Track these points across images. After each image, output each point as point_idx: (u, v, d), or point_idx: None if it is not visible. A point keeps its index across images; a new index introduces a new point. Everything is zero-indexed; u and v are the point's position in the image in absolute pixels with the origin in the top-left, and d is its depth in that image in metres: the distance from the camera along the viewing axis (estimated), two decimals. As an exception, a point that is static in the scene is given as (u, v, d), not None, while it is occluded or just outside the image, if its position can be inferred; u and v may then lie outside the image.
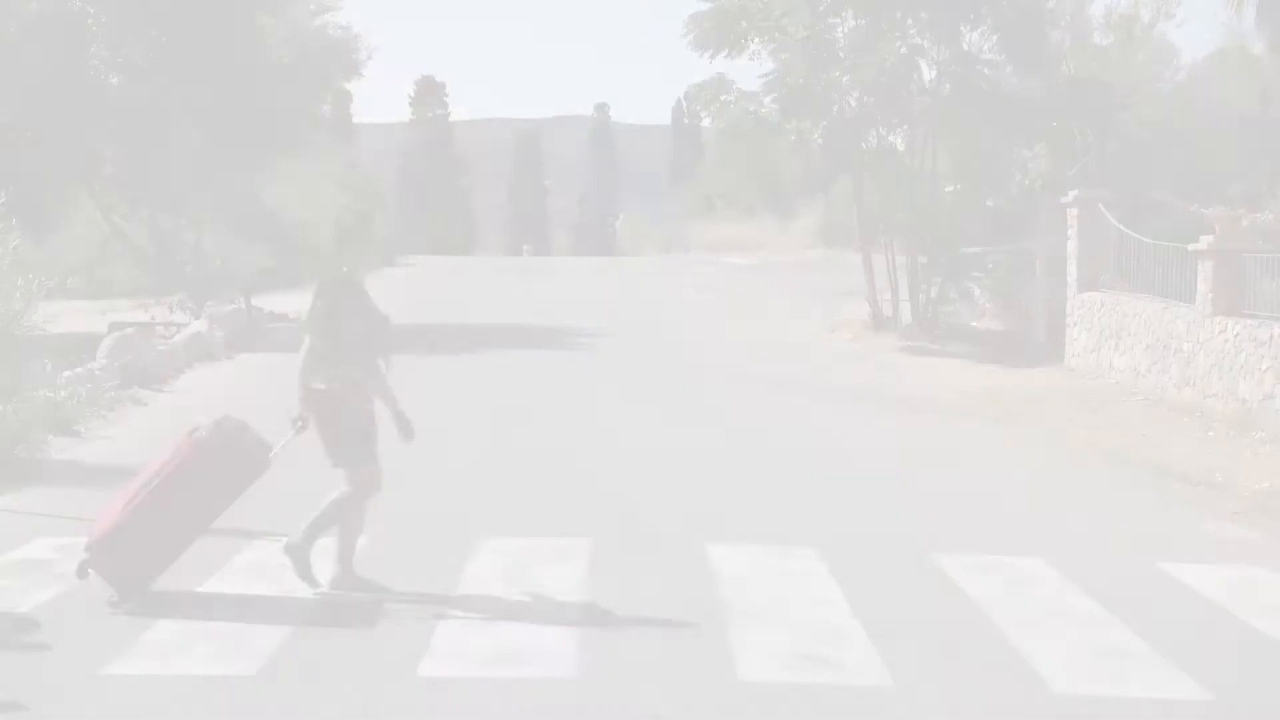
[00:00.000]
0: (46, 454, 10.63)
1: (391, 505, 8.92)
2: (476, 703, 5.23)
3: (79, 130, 21.15)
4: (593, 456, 10.94)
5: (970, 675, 5.66)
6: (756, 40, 21.84)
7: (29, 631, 6.07)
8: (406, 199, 78.79)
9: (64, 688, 5.32)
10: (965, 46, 21.33)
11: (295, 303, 26.96)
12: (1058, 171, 22.12)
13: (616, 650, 5.86)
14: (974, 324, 22.38)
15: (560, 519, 8.58)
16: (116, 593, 6.43)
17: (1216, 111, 25.14)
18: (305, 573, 6.72)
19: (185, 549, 6.66)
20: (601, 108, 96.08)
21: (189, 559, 7.32)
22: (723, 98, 22.26)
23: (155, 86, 20.98)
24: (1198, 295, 14.25)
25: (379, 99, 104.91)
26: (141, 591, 6.45)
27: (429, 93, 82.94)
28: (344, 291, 6.96)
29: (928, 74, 21.17)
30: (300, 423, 6.83)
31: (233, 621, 6.21)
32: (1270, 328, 12.68)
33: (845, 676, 5.61)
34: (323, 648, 5.84)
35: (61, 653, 5.74)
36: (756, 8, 21.10)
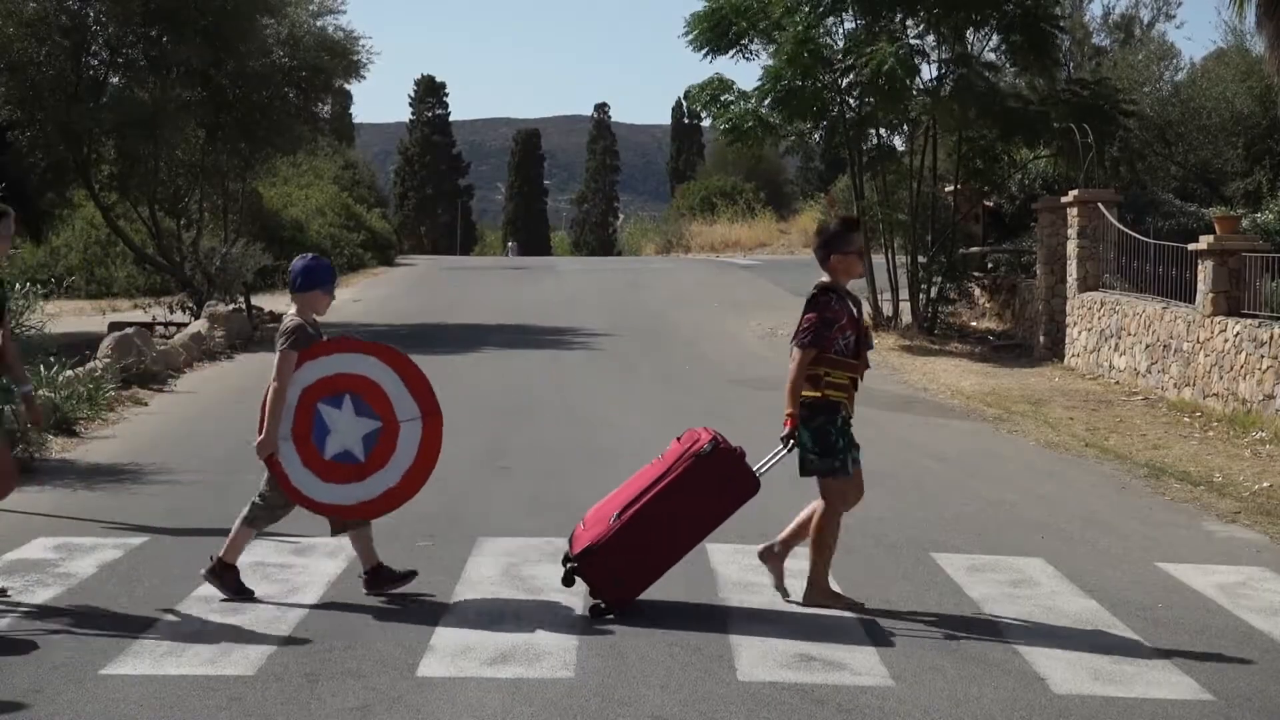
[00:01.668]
0: (46, 454, 10.64)
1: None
2: (476, 703, 5.23)
3: (79, 130, 21.17)
4: (593, 456, 10.95)
5: (970, 675, 5.66)
6: (756, 41, 21.87)
7: (28, 631, 6.07)
8: (406, 199, 78.89)
9: (64, 688, 5.32)
10: (968, 47, 21.36)
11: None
12: (1058, 171, 22.16)
13: (616, 650, 5.87)
14: (974, 324, 22.40)
15: (560, 519, 8.58)
16: (603, 603, 6.37)
17: (1216, 111, 25.15)
18: (778, 583, 6.72)
19: (673, 564, 6.53)
20: (601, 108, 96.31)
21: (187, 559, 7.34)
22: (722, 98, 22.27)
23: (155, 86, 20.98)
24: (1198, 295, 14.26)
25: (379, 99, 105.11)
26: (628, 604, 6.38)
27: (429, 93, 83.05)
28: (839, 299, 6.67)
29: (928, 74, 21.19)
30: (792, 439, 6.55)
31: (233, 622, 6.21)
32: (1270, 328, 12.68)
33: (845, 676, 5.61)
34: (323, 648, 5.84)
35: (61, 653, 5.74)
36: (754, 8, 21.11)
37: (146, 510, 8.68)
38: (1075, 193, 17.98)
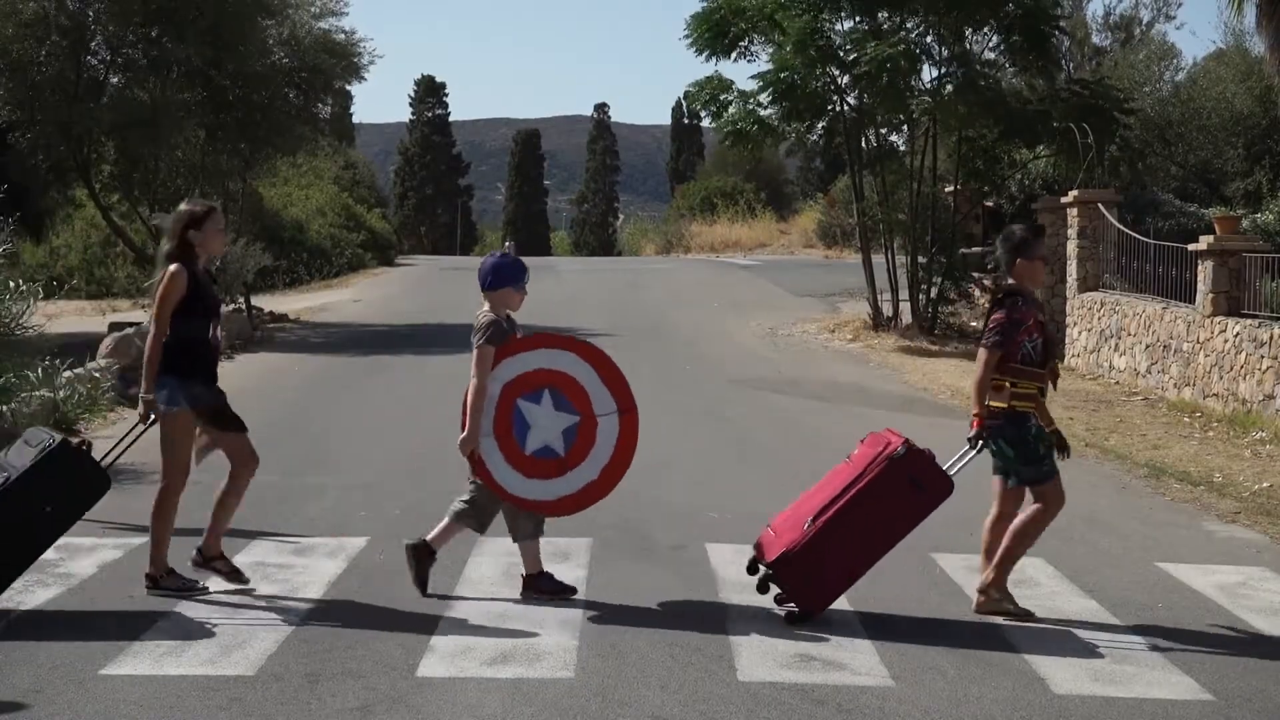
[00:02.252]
0: (46, 454, 10.62)
1: (391, 505, 8.95)
2: (476, 703, 5.23)
3: (79, 130, 21.18)
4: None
5: (970, 675, 5.66)
6: (756, 40, 21.88)
7: (28, 631, 6.06)
8: (406, 199, 78.90)
9: (64, 688, 5.32)
10: (968, 46, 21.37)
11: (295, 303, 27.03)
12: (1058, 171, 22.16)
13: (616, 650, 5.87)
14: (974, 324, 22.40)
15: (560, 519, 8.58)
16: (798, 608, 6.33)
17: (1216, 111, 25.16)
18: (1019, 612, 6.61)
19: (868, 569, 6.48)
20: (601, 108, 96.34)
21: (187, 559, 7.34)
22: (722, 98, 22.29)
23: (155, 86, 20.98)
24: (1198, 295, 14.26)
25: (379, 99, 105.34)
26: (822, 610, 6.34)
27: (429, 93, 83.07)
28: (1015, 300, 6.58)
29: (929, 73, 21.20)
30: (980, 442, 6.51)
31: (233, 621, 6.21)
32: (1270, 328, 12.69)
33: (845, 676, 5.61)
34: (323, 648, 5.84)
35: (61, 653, 5.74)
36: (754, 7, 21.11)
37: (146, 510, 8.65)
38: (1075, 193, 17.99)
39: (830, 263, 37.14)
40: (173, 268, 6.70)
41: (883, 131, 22.84)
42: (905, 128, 22.60)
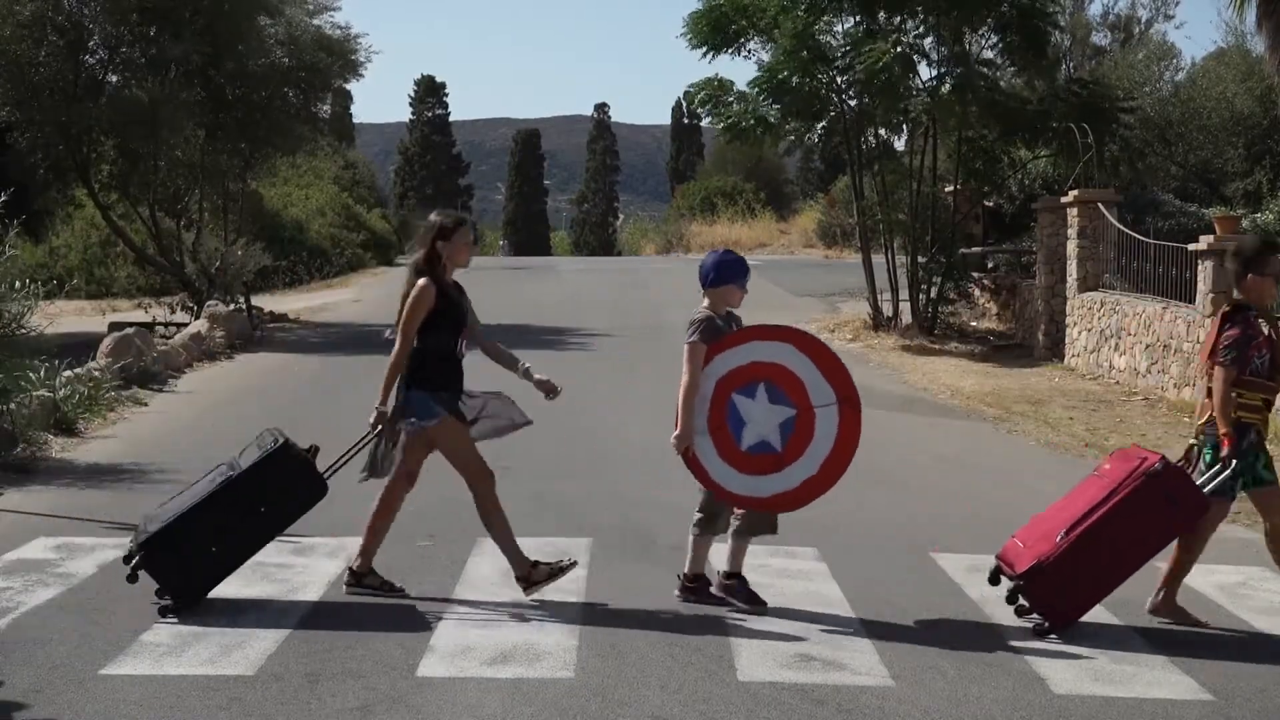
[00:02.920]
0: (46, 454, 10.63)
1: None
2: (476, 703, 5.23)
3: (78, 130, 21.18)
4: (593, 455, 10.95)
5: (970, 675, 5.66)
6: (755, 40, 21.88)
7: (28, 631, 6.06)
8: (406, 199, 78.91)
9: (64, 688, 5.32)
10: (967, 46, 21.37)
11: (295, 303, 27.03)
12: (1058, 171, 22.15)
13: (616, 650, 5.87)
14: (974, 324, 22.40)
15: (560, 519, 8.59)
16: (1047, 621, 6.28)
17: (1216, 111, 25.16)
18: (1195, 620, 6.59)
19: (1119, 585, 6.41)
20: (601, 108, 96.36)
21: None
22: (722, 97, 22.28)
23: (153, 86, 20.99)
24: (1198, 295, 14.26)
25: (379, 99, 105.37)
26: (1071, 623, 6.29)
27: (429, 93, 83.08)
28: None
29: (927, 73, 21.20)
30: (1234, 461, 6.37)
31: (232, 622, 6.21)
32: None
33: (845, 676, 5.61)
34: (323, 648, 5.84)
35: (61, 653, 5.74)
36: (753, 6, 21.11)
37: (146, 510, 8.66)
38: (1075, 193, 17.98)
39: (830, 263, 37.15)
40: (421, 282, 6.68)
41: (882, 132, 22.84)
42: (905, 128, 22.59)
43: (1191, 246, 14.42)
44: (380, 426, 6.65)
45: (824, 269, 33.96)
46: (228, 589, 6.74)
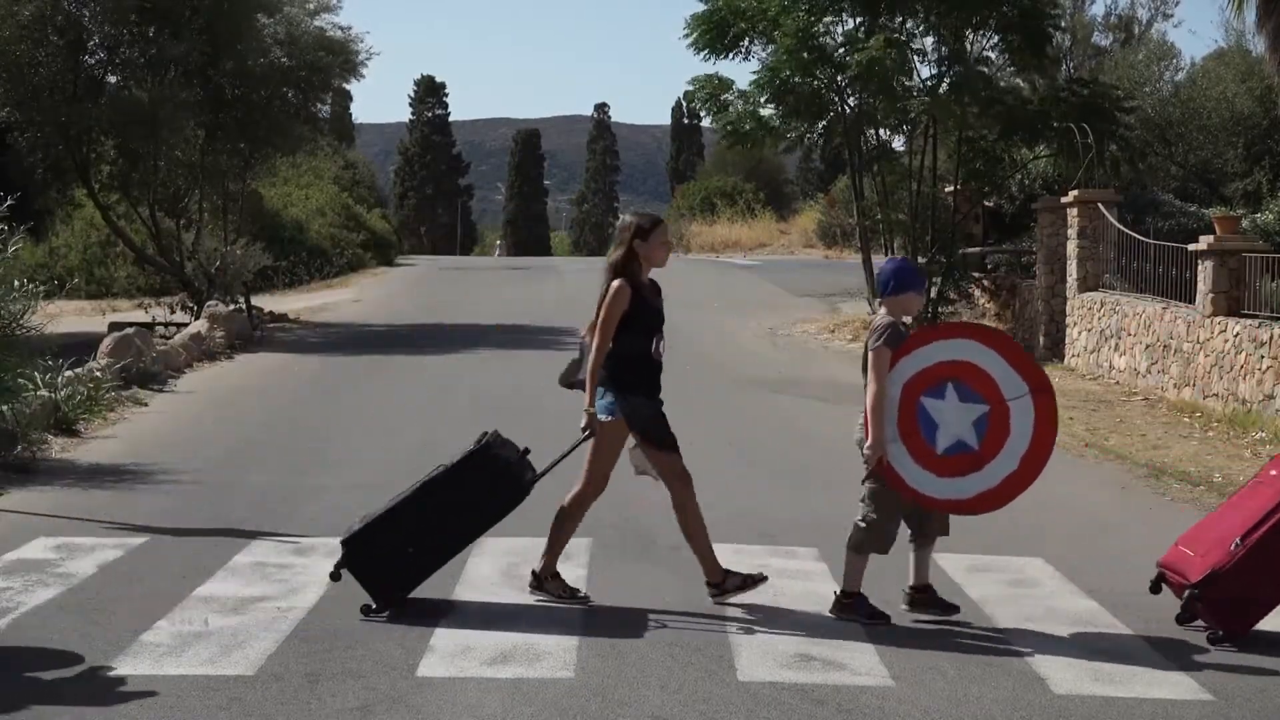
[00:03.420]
0: (46, 454, 10.64)
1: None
2: (476, 703, 5.23)
3: (78, 130, 21.17)
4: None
5: (970, 675, 5.66)
6: (756, 41, 21.89)
7: (28, 631, 6.06)
8: (406, 199, 78.92)
9: (64, 688, 5.32)
10: (968, 46, 21.37)
11: (295, 303, 27.04)
12: (1058, 171, 22.16)
13: (616, 650, 5.87)
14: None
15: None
16: (1222, 629, 6.23)
17: (1216, 111, 25.16)
18: None
19: None
20: (601, 108, 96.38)
21: (187, 559, 7.34)
22: (722, 97, 22.30)
23: (153, 86, 20.99)
24: (1198, 295, 14.26)
25: (379, 99, 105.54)
26: (1247, 631, 6.24)
27: (429, 93, 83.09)
28: None
29: (926, 72, 21.21)
30: None
31: (233, 622, 6.21)
32: (1270, 328, 12.68)
33: (845, 676, 5.61)
34: (323, 648, 5.84)
35: (62, 653, 5.74)
36: (753, 8, 21.12)
37: (146, 510, 8.68)
38: (1075, 193, 17.98)
39: (830, 263, 37.15)
40: (616, 283, 6.61)
41: (882, 132, 22.85)
42: (905, 128, 22.61)
43: (1191, 247, 14.42)
44: (591, 431, 6.60)
45: (824, 269, 33.97)
46: (228, 589, 6.75)
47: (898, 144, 23.74)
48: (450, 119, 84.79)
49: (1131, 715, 5.29)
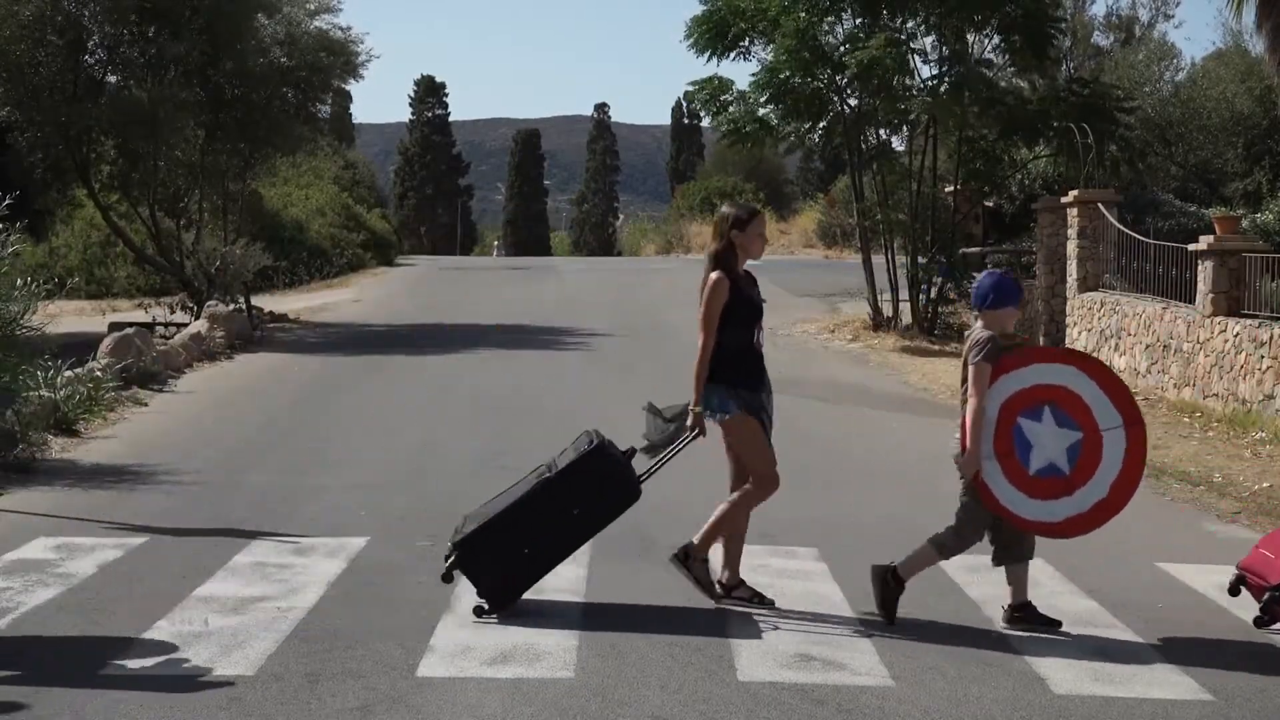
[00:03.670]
0: (46, 454, 10.64)
1: (391, 505, 8.95)
2: (476, 703, 5.22)
3: (77, 130, 21.17)
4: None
5: (970, 675, 5.66)
6: (756, 42, 21.90)
7: (28, 631, 6.06)
8: (406, 199, 78.92)
9: (64, 688, 5.31)
10: (969, 46, 21.38)
11: (295, 303, 27.03)
12: (1058, 171, 22.17)
13: (616, 650, 5.87)
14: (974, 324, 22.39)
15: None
16: None
17: (1216, 111, 25.18)
18: None
19: None
20: (601, 108, 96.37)
21: (187, 559, 7.34)
22: (722, 98, 22.31)
23: (153, 85, 21.00)
24: (1198, 295, 14.26)
25: (379, 99, 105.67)
26: None
27: (429, 93, 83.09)
28: None
29: (926, 72, 21.21)
30: None
31: (233, 622, 6.21)
32: (1270, 328, 12.68)
33: (845, 676, 5.61)
34: (323, 648, 5.84)
35: (61, 653, 5.73)
36: (753, 8, 21.13)
37: (146, 510, 8.68)
38: (1075, 193, 17.99)
39: (830, 263, 37.16)
40: (714, 276, 6.61)
41: (882, 132, 22.85)
42: (905, 128, 22.61)
43: (1191, 247, 14.42)
44: (698, 428, 6.58)
45: (824, 269, 33.97)
46: (228, 589, 6.75)
47: (898, 144, 23.77)
48: (450, 119, 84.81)
49: (1131, 715, 5.29)
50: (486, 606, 6.34)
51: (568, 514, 6.50)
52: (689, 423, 6.60)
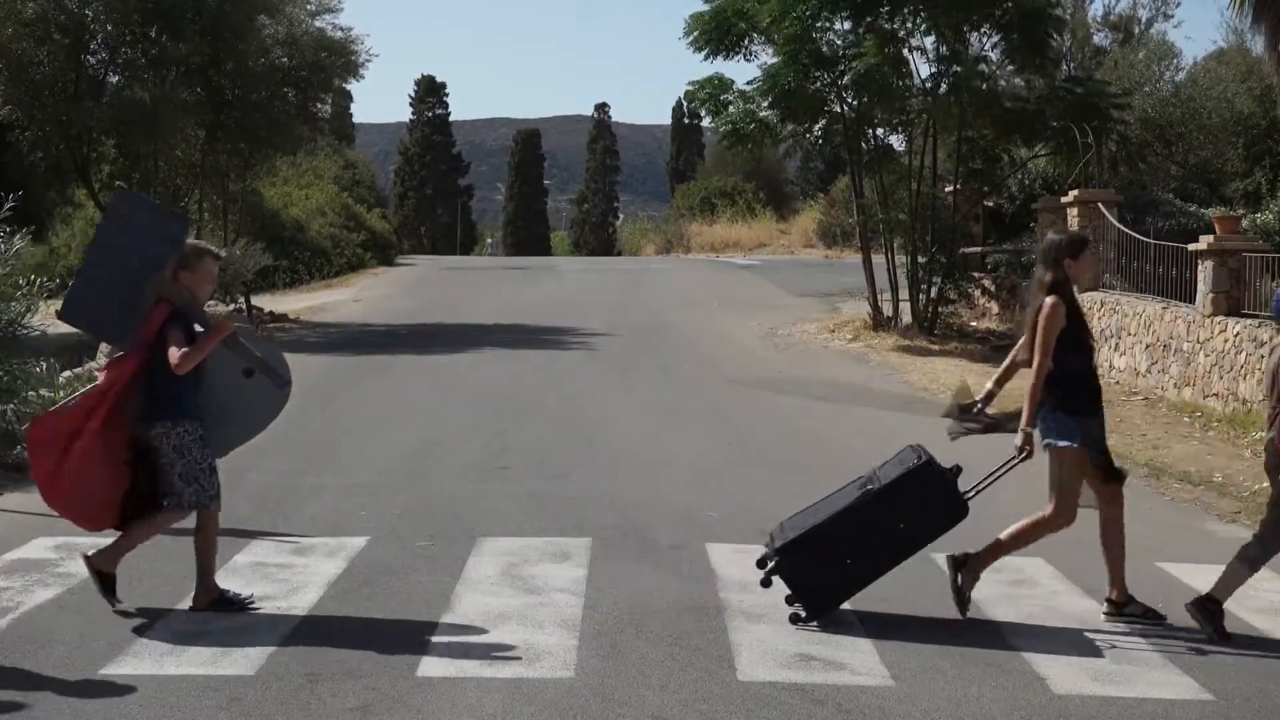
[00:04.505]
0: (46, 454, 10.61)
1: (391, 504, 8.95)
2: (476, 703, 5.23)
3: (78, 129, 21.18)
4: (593, 456, 10.95)
5: (970, 675, 5.66)
6: (756, 42, 21.90)
7: (28, 631, 6.06)
8: (406, 199, 78.93)
9: (64, 688, 5.32)
10: (967, 46, 21.38)
11: (295, 303, 27.04)
12: (1057, 171, 22.16)
13: (616, 650, 5.87)
14: (974, 324, 22.40)
15: (560, 519, 8.59)
16: None
17: (1216, 111, 25.17)
18: None
19: None
20: (601, 108, 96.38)
21: (187, 559, 7.34)
22: (722, 97, 22.30)
23: (154, 85, 21.00)
24: (1198, 295, 14.26)
25: (379, 99, 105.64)
26: None
27: (429, 93, 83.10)
28: None
29: (925, 72, 21.22)
30: None
31: (232, 622, 6.21)
32: (1270, 327, 12.68)
33: (845, 676, 5.61)
34: (323, 648, 5.84)
35: (61, 653, 5.74)
36: (754, 8, 21.12)
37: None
38: (1075, 193, 17.99)
39: (830, 263, 37.16)
40: (1050, 300, 6.57)
41: (881, 132, 22.85)
42: (904, 128, 22.61)
43: (1191, 246, 14.42)
44: (1027, 450, 6.57)
45: (824, 269, 33.98)
46: (229, 589, 6.74)
47: (897, 144, 23.77)
48: (450, 119, 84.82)
49: (1131, 715, 5.29)
50: (804, 614, 6.33)
51: (893, 528, 6.49)
52: (1018, 442, 6.59)
